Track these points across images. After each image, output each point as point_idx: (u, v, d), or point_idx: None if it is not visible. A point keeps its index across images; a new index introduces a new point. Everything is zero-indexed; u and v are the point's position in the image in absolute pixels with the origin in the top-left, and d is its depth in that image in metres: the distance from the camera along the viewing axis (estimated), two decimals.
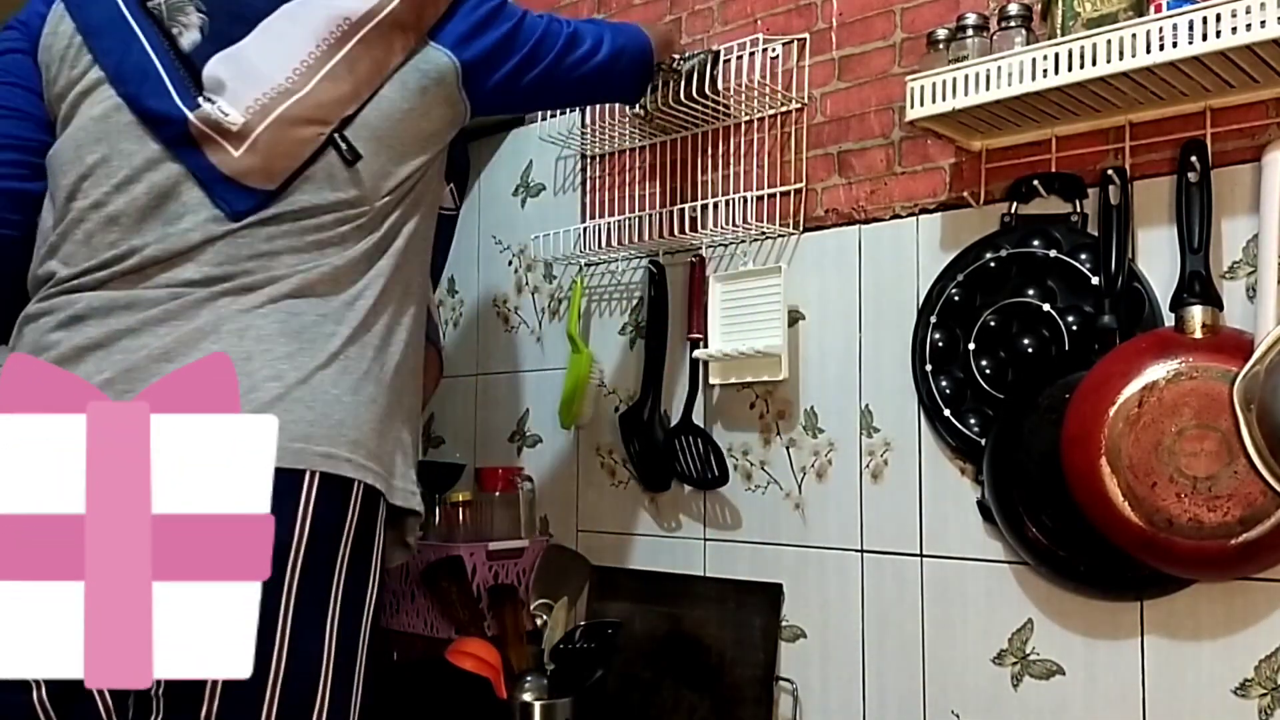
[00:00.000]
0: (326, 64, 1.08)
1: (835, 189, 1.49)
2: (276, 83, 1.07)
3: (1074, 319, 1.24)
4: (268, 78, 1.07)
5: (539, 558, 1.74)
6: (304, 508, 0.99)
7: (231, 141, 1.05)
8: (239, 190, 1.04)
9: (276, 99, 1.06)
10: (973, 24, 1.24)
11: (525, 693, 1.58)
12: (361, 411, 1.05)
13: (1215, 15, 1.03)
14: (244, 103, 1.06)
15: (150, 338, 1.00)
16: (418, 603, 1.71)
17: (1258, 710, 1.13)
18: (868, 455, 1.43)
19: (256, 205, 1.05)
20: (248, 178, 1.05)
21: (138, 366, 0.99)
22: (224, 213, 1.04)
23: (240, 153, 1.04)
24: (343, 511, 1.02)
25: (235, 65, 1.08)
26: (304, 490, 0.99)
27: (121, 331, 1.01)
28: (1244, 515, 1.07)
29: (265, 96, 1.06)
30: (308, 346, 1.04)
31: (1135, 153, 1.23)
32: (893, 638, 1.39)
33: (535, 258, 1.84)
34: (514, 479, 1.78)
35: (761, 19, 1.58)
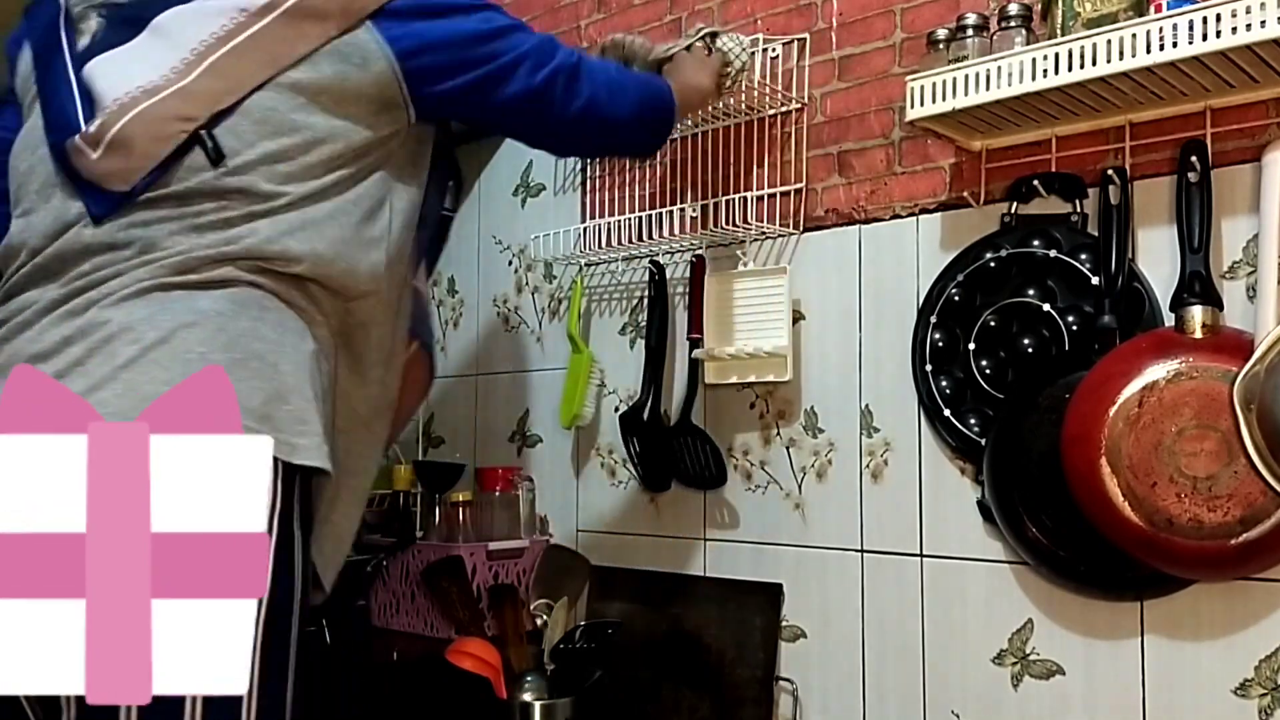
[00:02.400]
0: (210, 57, 1.04)
1: (835, 189, 1.49)
2: (145, 81, 1.03)
3: (1074, 319, 1.24)
4: (136, 77, 1.04)
5: (539, 558, 1.74)
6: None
7: (89, 144, 1.02)
8: (100, 193, 1.02)
9: (138, 98, 1.02)
10: (973, 24, 1.24)
11: (525, 693, 1.58)
12: (240, 370, 0.95)
13: (1215, 15, 1.03)
14: (104, 105, 1.03)
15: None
16: (418, 603, 1.71)
17: (1258, 710, 1.13)
18: (868, 455, 1.43)
19: (115, 206, 1.01)
20: (107, 180, 1.02)
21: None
22: (90, 215, 1.02)
23: (98, 155, 1.02)
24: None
25: (107, 68, 1.05)
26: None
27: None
28: (1244, 515, 1.07)
29: (126, 96, 1.02)
30: (170, 306, 0.97)
31: (1135, 153, 1.23)
32: (893, 638, 1.39)
33: (535, 258, 1.84)
34: (514, 479, 1.78)
35: (761, 19, 1.58)
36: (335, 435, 1.05)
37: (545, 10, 1.89)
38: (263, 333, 0.99)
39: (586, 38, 1.82)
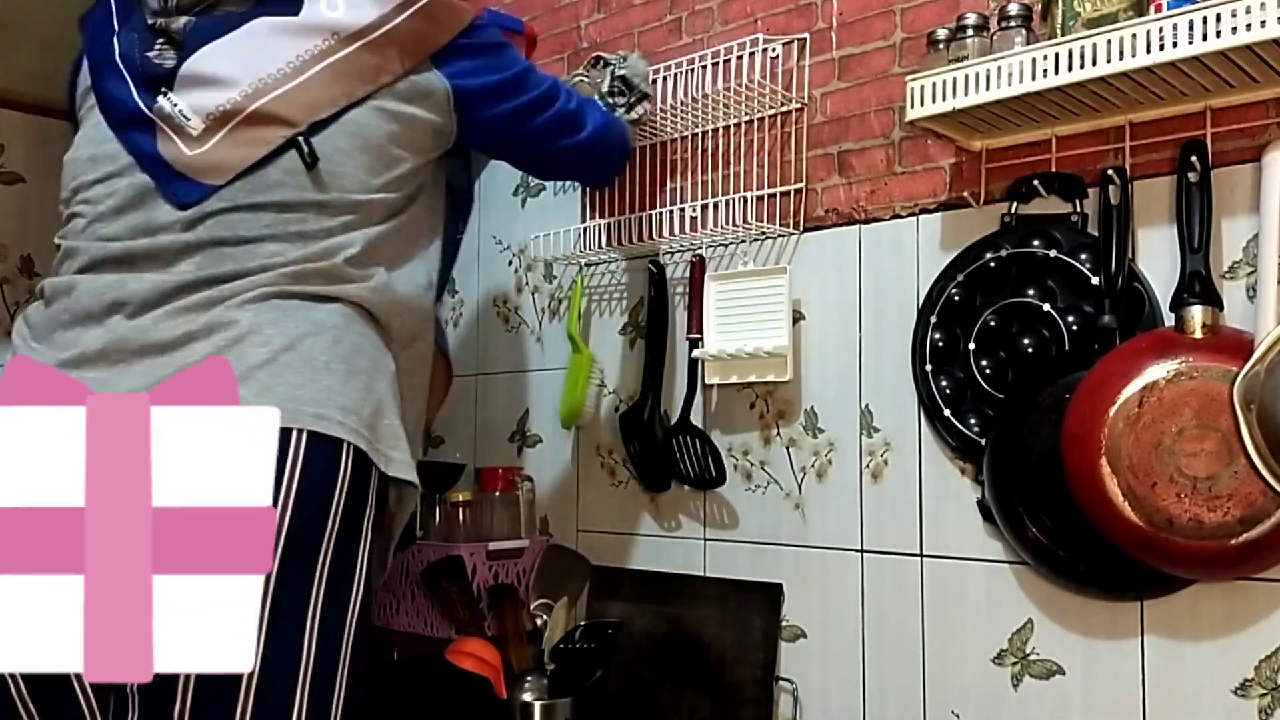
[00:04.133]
0: (307, 72, 1.11)
1: (835, 189, 1.49)
2: (252, 81, 1.09)
3: (1074, 319, 1.24)
4: (241, 80, 1.10)
5: (539, 558, 1.74)
6: (291, 467, 0.95)
7: (185, 139, 1.08)
8: (189, 184, 1.07)
9: (246, 100, 1.09)
10: (973, 24, 1.24)
11: (525, 693, 1.58)
12: (354, 382, 1.03)
13: (1215, 15, 1.03)
14: (210, 106, 1.09)
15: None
16: (418, 603, 1.71)
17: (1258, 710, 1.13)
18: (868, 455, 1.43)
19: (202, 196, 1.07)
20: (203, 174, 1.07)
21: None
22: (173, 204, 1.07)
23: (205, 146, 1.07)
24: (332, 475, 0.98)
25: (212, 65, 1.10)
26: (291, 449, 0.95)
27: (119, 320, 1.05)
28: (1244, 515, 1.07)
29: (239, 94, 1.09)
30: (292, 314, 1.03)
31: (1135, 153, 1.23)
32: (893, 638, 1.39)
33: (535, 258, 1.84)
34: (514, 479, 1.78)
35: (761, 19, 1.58)
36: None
37: (545, 10, 1.89)
38: (365, 349, 1.08)
39: (587, 38, 1.82)
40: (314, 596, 0.97)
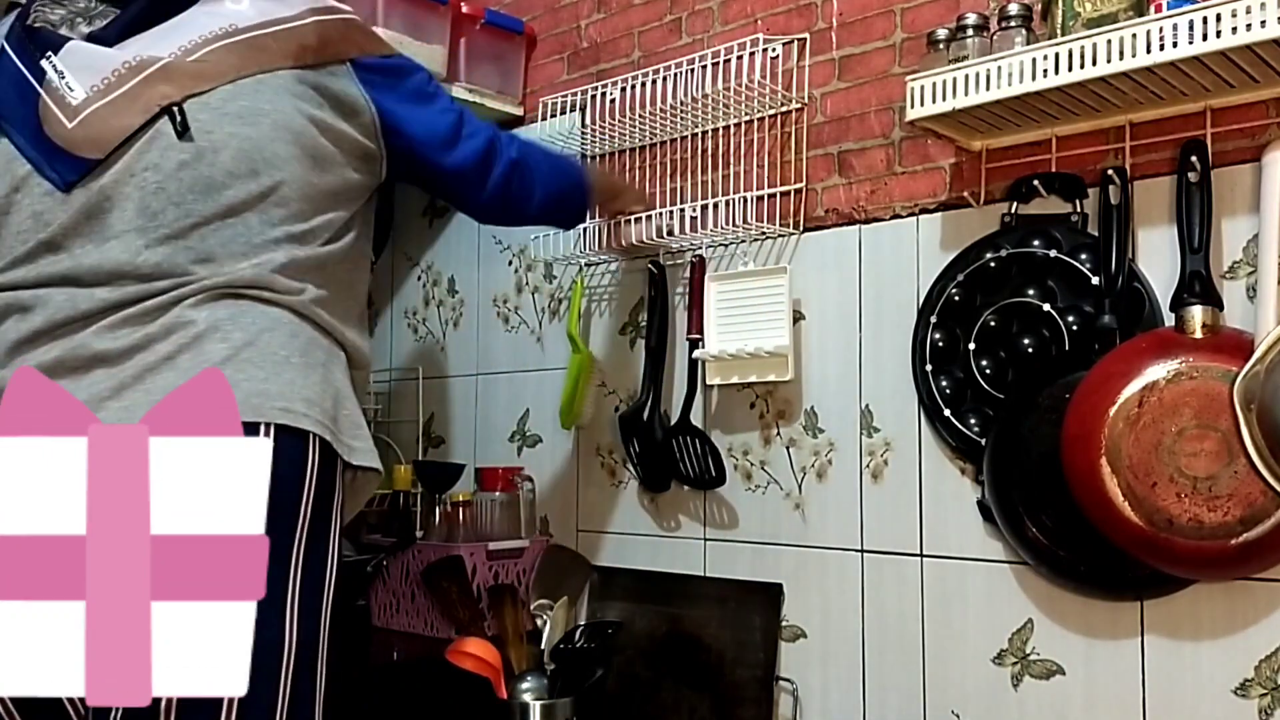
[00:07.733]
0: (198, 51, 1.07)
1: (835, 189, 1.49)
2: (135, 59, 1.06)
3: (1074, 319, 1.24)
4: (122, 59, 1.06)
5: (539, 558, 1.74)
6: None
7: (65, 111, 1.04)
8: (70, 159, 1.04)
9: (127, 74, 1.05)
10: (973, 24, 1.24)
11: (525, 693, 1.58)
12: (312, 375, 1.04)
13: (1215, 15, 1.03)
14: (90, 80, 1.05)
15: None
16: (418, 603, 1.71)
17: (1258, 710, 1.13)
18: (868, 455, 1.43)
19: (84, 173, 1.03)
20: (79, 147, 1.03)
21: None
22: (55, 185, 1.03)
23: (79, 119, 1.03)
24: (301, 466, 0.99)
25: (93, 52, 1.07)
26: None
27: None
28: (1244, 515, 1.07)
29: (122, 68, 1.05)
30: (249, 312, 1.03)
31: (1135, 153, 1.23)
32: (893, 638, 1.39)
33: (535, 258, 1.84)
34: (514, 479, 1.78)
35: (761, 19, 1.58)
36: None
37: (545, 10, 1.89)
38: (321, 343, 1.09)
39: (587, 38, 1.82)
40: (291, 585, 0.98)
